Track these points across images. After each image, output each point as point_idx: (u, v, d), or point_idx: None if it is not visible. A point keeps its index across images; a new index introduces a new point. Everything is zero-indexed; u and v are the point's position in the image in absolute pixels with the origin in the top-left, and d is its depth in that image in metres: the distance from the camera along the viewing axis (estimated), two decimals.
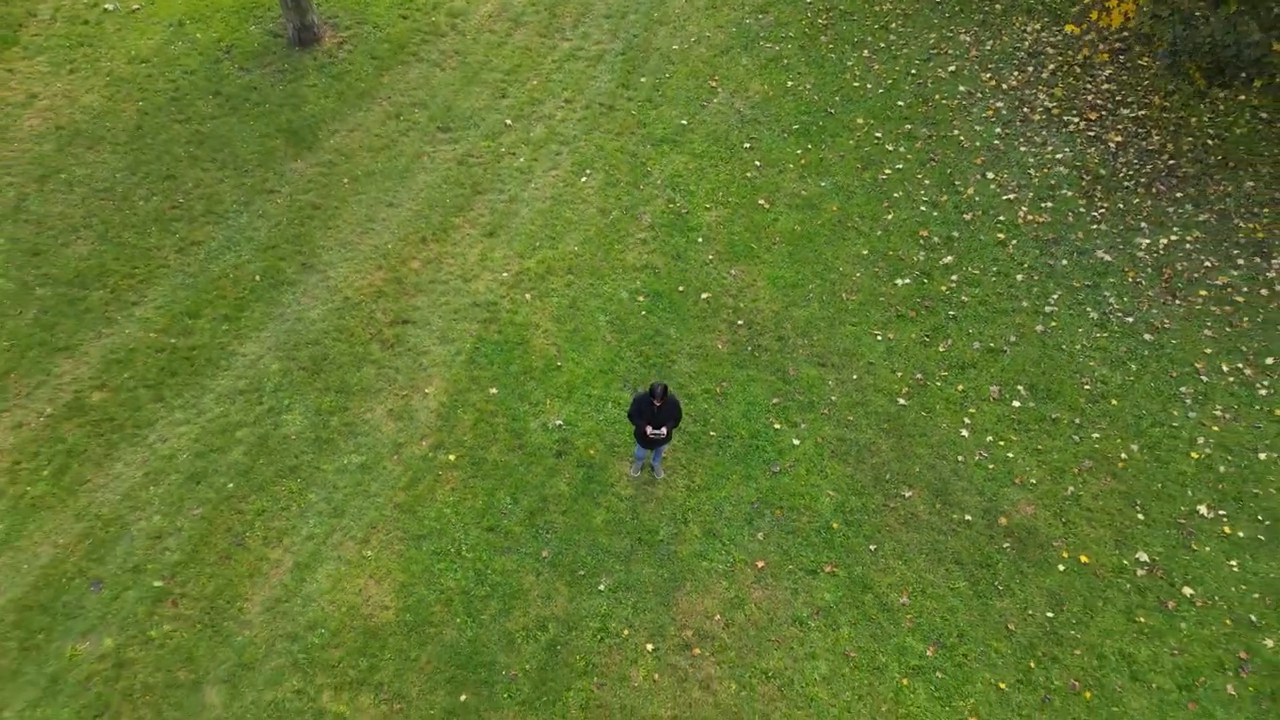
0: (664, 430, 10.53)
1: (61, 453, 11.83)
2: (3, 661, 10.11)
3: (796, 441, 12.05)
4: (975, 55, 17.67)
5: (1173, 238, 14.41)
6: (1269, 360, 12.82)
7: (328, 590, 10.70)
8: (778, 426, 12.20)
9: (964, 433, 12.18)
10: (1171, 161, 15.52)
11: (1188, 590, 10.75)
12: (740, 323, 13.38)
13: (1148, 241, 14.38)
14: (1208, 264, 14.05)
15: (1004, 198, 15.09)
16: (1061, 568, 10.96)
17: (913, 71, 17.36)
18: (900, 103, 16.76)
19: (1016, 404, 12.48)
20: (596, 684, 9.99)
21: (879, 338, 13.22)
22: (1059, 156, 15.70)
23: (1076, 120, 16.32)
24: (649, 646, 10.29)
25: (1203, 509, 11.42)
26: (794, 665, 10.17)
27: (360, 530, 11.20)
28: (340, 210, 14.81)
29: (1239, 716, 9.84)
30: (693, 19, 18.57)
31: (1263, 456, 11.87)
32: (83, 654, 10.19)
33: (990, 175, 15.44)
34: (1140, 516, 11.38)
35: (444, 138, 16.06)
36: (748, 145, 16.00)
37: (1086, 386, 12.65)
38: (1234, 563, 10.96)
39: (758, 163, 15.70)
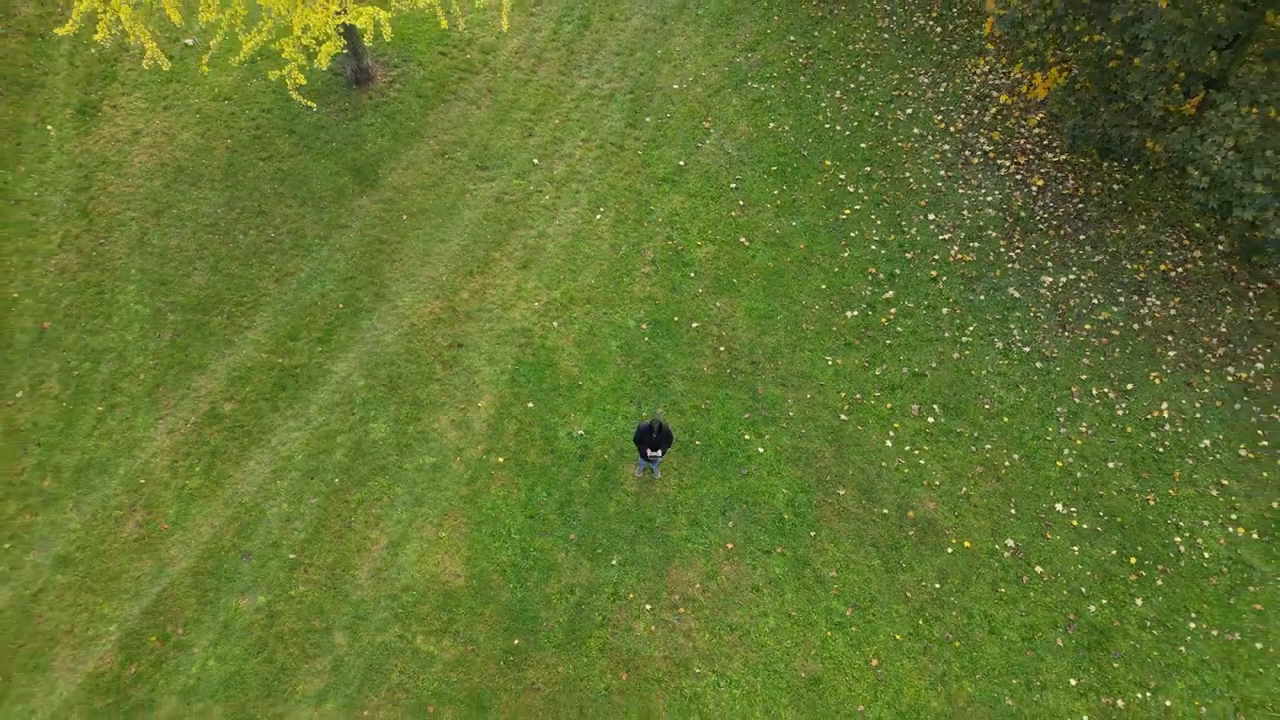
0: (660, 451, 14.28)
1: (207, 453, 15.62)
2: (187, 613, 14.13)
3: (761, 449, 15.82)
4: (931, 97, 20.65)
5: (1071, 276, 17.84)
6: (1129, 386, 16.47)
7: (415, 562, 14.64)
8: (747, 437, 15.95)
9: (888, 443, 15.93)
10: (1080, 205, 18.79)
11: (1039, 568, 14.69)
12: (722, 349, 16.97)
13: (1051, 280, 17.81)
14: (1095, 301, 17.53)
15: (940, 238, 18.44)
16: (950, 550, 14.88)
17: (876, 114, 20.38)
18: (863, 145, 19.88)
19: (930, 420, 16.18)
20: (610, 633, 14.03)
21: (829, 362, 16.83)
22: (989, 199, 18.96)
23: (1008, 164, 19.49)
24: (647, 606, 14.29)
25: (1059, 506, 15.27)
26: (751, 621, 14.19)
27: (435, 516, 15.08)
28: (401, 245, 18.19)
29: (1062, 661, 13.91)
30: (691, 57, 21.44)
31: (1111, 465, 15.65)
32: (243, 608, 14.20)
33: (931, 216, 18.73)
34: (1013, 512, 15.25)
35: (482, 175, 19.27)
36: (734, 186, 19.22)
37: (986, 406, 16.34)
38: (1076, 548, 14.87)
39: (741, 202, 18.97)
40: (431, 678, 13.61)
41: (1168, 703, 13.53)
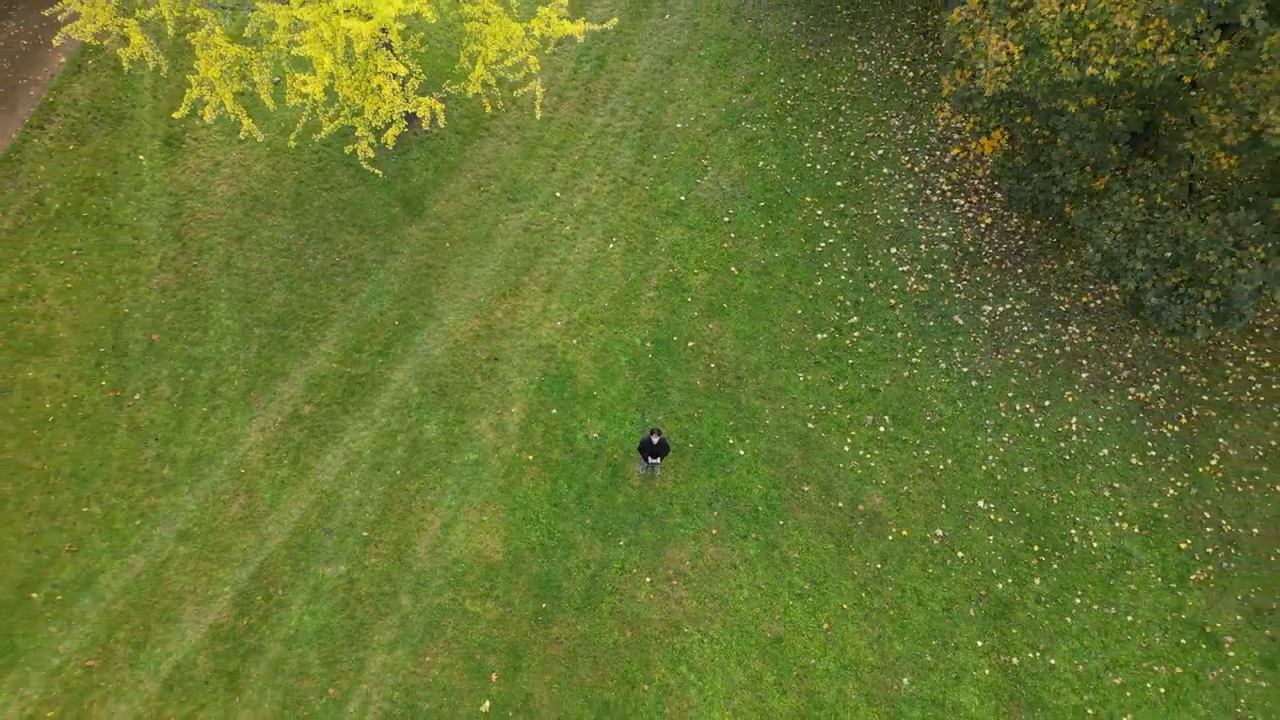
0: (659, 459, 17.70)
1: (293, 448, 19.05)
2: (285, 578, 17.70)
3: (742, 452, 19.22)
4: (900, 139, 23.57)
5: (1007, 306, 21.02)
6: (1047, 403, 19.78)
7: (463, 540, 18.16)
8: (730, 441, 19.34)
9: (846, 448, 19.32)
10: (1021, 242, 21.88)
11: (960, 553, 18.19)
12: (712, 365, 20.27)
13: (990, 309, 21.00)
14: (1025, 328, 20.74)
15: (900, 269, 21.58)
16: (890, 538, 18.37)
17: (851, 154, 23.34)
18: (839, 183, 22.89)
19: (881, 429, 19.55)
20: (618, 599, 17.60)
21: (801, 379, 20.13)
22: (944, 235, 22.04)
23: (963, 202, 22.51)
24: (647, 579, 17.84)
25: (981, 503, 18.72)
26: (729, 592, 17.75)
27: (478, 503, 18.56)
28: (445, 269, 21.38)
29: (973, 627, 17.49)
30: (693, 97, 24.32)
31: (1025, 470, 19.05)
32: (328, 575, 17.77)
33: (893, 250, 21.85)
34: (943, 507, 18.71)
35: (513, 207, 22.35)
36: (727, 219, 22.31)
37: (928, 418, 19.68)
38: (991, 538, 18.35)
39: (733, 235, 22.08)
40: (478, 632, 17.24)
41: (1052, 661, 17.15)
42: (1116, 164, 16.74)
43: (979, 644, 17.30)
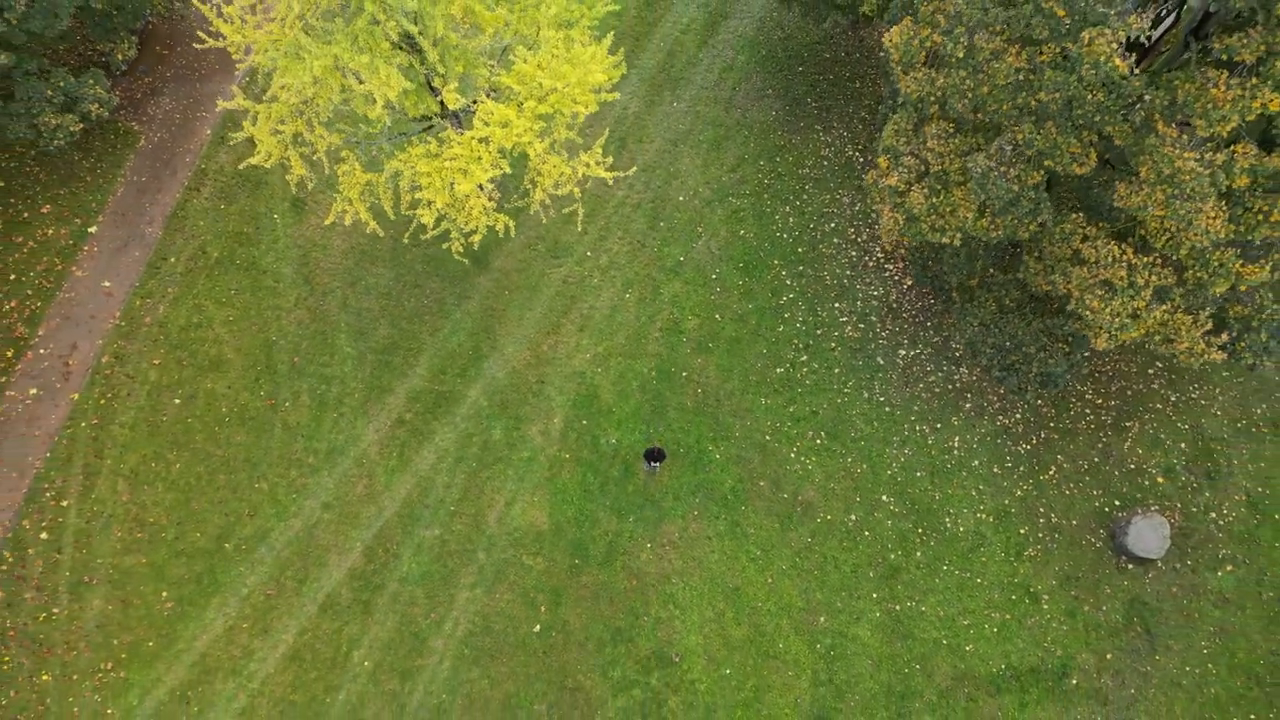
0: (658, 464, 24.62)
1: (399, 444, 25.96)
2: (397, 538, 24.75)
3: (717, 456, 26.12)
4: (849, 214, 29.93)
5: (917, 351, 27.68)
6: (939, 425, 26.59)
7: (520, 515, 25.17)
8: (709, 448, 26.21)
9: (792, 455, 26.19)
10: (932, 301, 28.42)
11: (866, 533, 25.19)
12: (699, 391, 27.03)
13: (904, 352, 27.67)
14: (929, 368, 27.43)
15: (840, 320, 28.18)
16: (819, 520, 25.34)
17: (811, 226, 29.73)
18: (800, 249, 29.34)
19: (818, 441, 26.39)
20: (627, 559, 24.66)
21: (762, 402, 26.91)
22: (875, 293, 28.58)
23: (892, 268, 28.99)
24: (648, 545, 24.88)
25: (884, 497, 25.66)
26: (704, 555, 24.80)
27: (530, 488, 25.52)
28: (505, 311, 28.01)
29: (871, 584, 24.55)
30: (692, 174, 30.60)
31: (919, 474, 25.96)
32: (427, 536, 24.82)
33: (837, 305, 28.42)
34: (858, 499, 25.66)
35: (554, 263, 28.87)
36: (714, 277, 28.84)
37: (852, 434, 26.51)
38: (890, 522, 25.34)
39: (719, 289, 28.64)
40: (532, 579, 24.37)
41: (923, 609, 24.30)
42: (982, 272, 23.26)
43: (874, 596, 24.43)
